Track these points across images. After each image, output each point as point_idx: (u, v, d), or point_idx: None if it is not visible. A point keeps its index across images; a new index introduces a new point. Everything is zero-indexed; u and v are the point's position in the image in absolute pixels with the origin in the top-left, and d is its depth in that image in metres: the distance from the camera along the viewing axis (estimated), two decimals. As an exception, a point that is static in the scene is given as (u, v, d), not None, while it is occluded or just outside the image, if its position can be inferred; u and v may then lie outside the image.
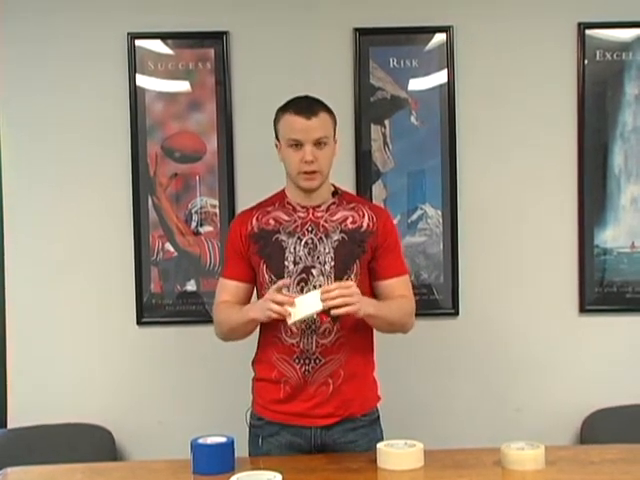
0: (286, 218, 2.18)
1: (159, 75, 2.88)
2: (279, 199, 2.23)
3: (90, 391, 2.89)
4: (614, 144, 2.91)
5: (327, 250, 2.13)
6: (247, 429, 2.22)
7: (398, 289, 2.20)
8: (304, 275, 2.12)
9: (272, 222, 2.18)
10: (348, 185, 2.87)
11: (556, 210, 2.92)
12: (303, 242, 2.14)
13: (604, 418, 2.83)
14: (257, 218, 2.20)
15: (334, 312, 1.98)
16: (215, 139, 2.89)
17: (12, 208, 2.90)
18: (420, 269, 2.91)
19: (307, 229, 2.15)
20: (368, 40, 2.87)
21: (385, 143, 2.90)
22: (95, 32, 2.88)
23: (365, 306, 2.02)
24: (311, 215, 2.17)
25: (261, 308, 2.04)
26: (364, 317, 2.04)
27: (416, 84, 2.89)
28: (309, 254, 2.14)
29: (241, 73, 2.89)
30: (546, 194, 2.92)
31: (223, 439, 2.00)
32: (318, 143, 2.10)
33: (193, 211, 2.90)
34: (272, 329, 2.14)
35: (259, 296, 2.20)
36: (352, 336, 2.13)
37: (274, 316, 1.99)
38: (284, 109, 2.15)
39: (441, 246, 2.91)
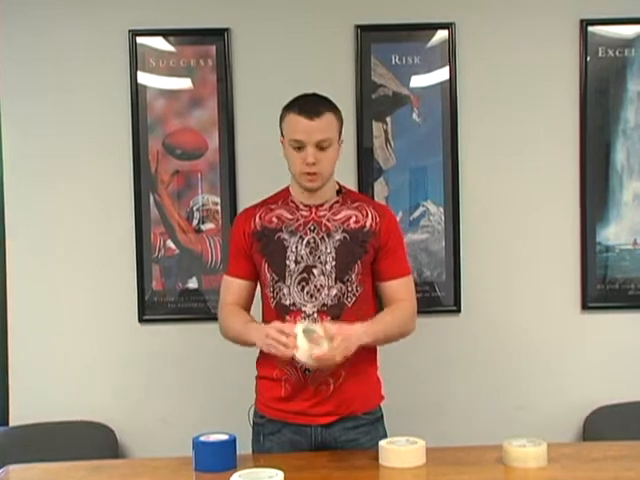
0: (289, 216, 2.17)
1: (160, 72, 2.88)
2: (283, 197, 2.21)
3: (92, 389, 2.90)
4: (616, 141, 2.90)
5: (329, 250, 2.12)
6: (250, 427, 2.22)
7: (399, 291, 2.18)
8: (305, 274, 2.12)
9: (275, 220, 2.17)
10: (350, 182, 2.86)
11: (558, 207, 2.92)
12: (305, 241, 2.13)
13: (607, 415, 2.83)
14: (260, 216, 2.19)
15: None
16: (216, 136, 2.89)
17: (13, 205, 2.90)
18: (422, 266, 2.90)
19: (309, 228, 2.14)
20: (370, 37, 2.87)
21: (387, 140, 2.90)
22: (96, 29, 2.87)
23: (356, 341, 2.00)
24: (314, 214, 2.16)
25: (262, 340, 2.02)
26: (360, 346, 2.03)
27: (418, 81, 2.89)
28: (310, 253, 2.12)
29: (242, 70, 2.89)
30: (548, 191, 2.91)
31: (225, 436, 1.99)
32: (320, 145, 2.07)
33: (195, 208, 2.89)
34: None
35: (262, 294, 2.20)
36: None
37: (271, 351, 1.99)
38: (289, 107, 2.12)
39: (443, 243, 2.90)
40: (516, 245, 2.91)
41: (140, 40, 2.87)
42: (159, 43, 2.88)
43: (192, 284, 2.90)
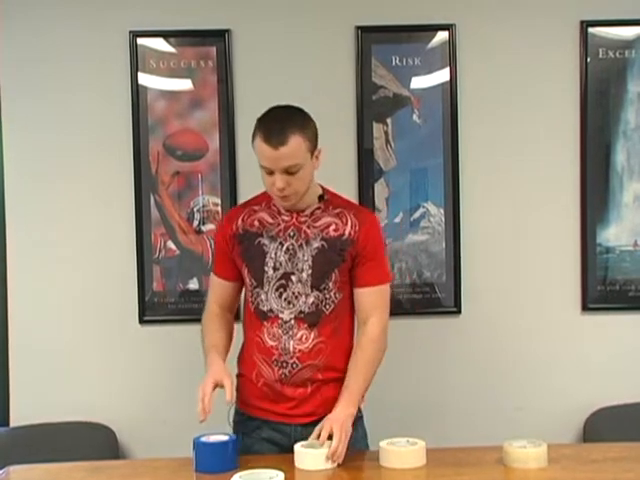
0: (270, 221, 2.16)
1: (161, 73, 2.88)
2: (266, 199, 2.19)
3: (93, 389, 2.90)
4: (617, 142, 2.91)
5: (306, 257, 2.11)
6: (229, 425, 2.21)
7: (371, 300, 2.13)
8: (283, 281, 2.11)
9: (256, 224, 2.16)
10: (350, 183, 2.89)
11: (559, 208, 2.92)
12: (284, 248, 2.12)
13: (607, 416, 2.83)
14: (243, 218, 2.18)
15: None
16: (217, 137, 2.89)
17: (14, 207, 2.90)
18: (422, 267, 2.91)
19: (289, 234, 2.13)
20: (370, 38, 2.87)
21: (387, 141, 2.90)
22: (97, 30, 2.87)
23: (349, 420, 2.01)
24: (294, 220, 2.14)
25: (206, 379, 2.05)
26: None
27: (418, 82, 2.89)
28: (289, 260, 2.11)
29: (243, 71, 2.89)
30: (549, 192, 2.91)
31: (225, 437, 1.99)
32: (289, 171, 2.00)
33: (195, 209, 2.90)
34: (255, 328, 2.15)
35: (245, 296, 2.21)
36: (330, 342, 2.12)
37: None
38: (257, 128, 2.04)
39: (443, 244, 2.90)
40: (516, 246, 2.92)
41: (141, 41, 2.87)
42: (160, 44, 2.88)
43: (193, 285, 2.91)
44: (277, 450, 2.14)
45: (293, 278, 2.11)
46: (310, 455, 1.95)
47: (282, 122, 2.01)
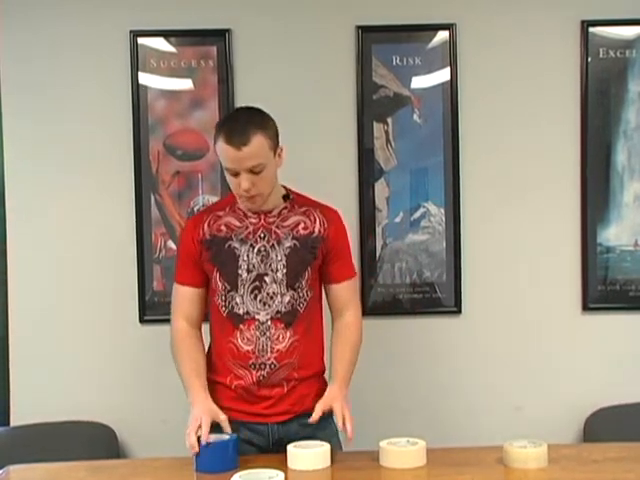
0: (237, 224, 2.16)
1: (161, 73, 2.88)
2: (230, 204, 2.20)
3: (93, 389, 2.90)
4: (617, 142, 2.90)
5: (279, 257, 2.13)
6: None
7: (345, 294, 2.23)
8: (257, 283, 2.12)
9: (224, 228, 2.16)
10: (350, 183, 2.89)
11: (559, 208, 2.92)
12: (256, 249, 2.13)
13: (607, 416, 2.82)
14: (209, 224, 2.17)
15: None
16: (217, 137, 2.88)
17: (14, 206, 2.90)
18: (423, 267, 2.91)
19: (259, 236, 2.14)
20: (371, 38, 2.87)
21: (388, 141, 2.90)
22: (97, 30, 2.87)
23: (345, 393, 2.11)
24: (263, 221, 2.15)
25: (190, 419, 2.01)
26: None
27: (419, 82, 2.89)
28: (262, 261, 2.13)
29: (243, 71, 2.89)
30: (549, 192, 2.91)
31: (226, 437, 2.00)
32: (253, 171, 2.02)
33: (195, 209, 2.90)
34: (227, 334, 2.14)
35: (210, 302, 2.20)
36: (304, 339, 2.15)
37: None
38: (218, 131, 2.05)
39: (444, 244, 2.90)
40: (517, 246, 2.91)
41: (141, 41, 2.87)
42: (160, 44, 2.88)
43: (193, 285, 2.90)
44: (255, 451, 2.15)
45: (267, 279, 2.12)
46: (303, 455, 1.95)
47: (243, 123, 2.03)
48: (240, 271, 2.13)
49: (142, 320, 2.90)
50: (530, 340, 2.91)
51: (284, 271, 2.12)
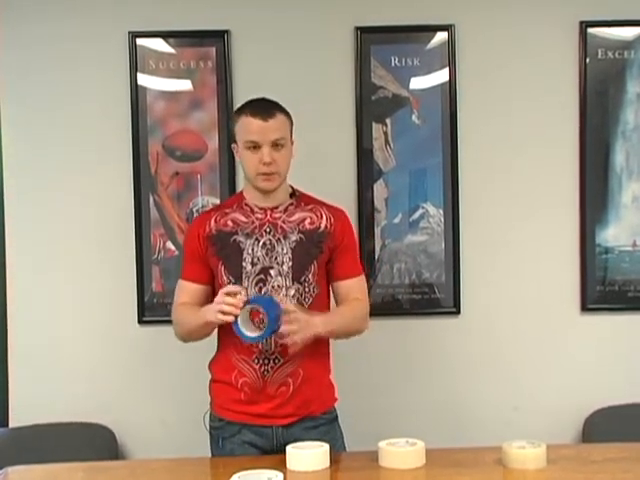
0: (244, 219, 2.18)
1: (160, 74, 2.88)
2: (237, 201, 2.23)
3: (92, 390, 2.90)
4: (616, 142, 2.91)
5: (285, 251, 2.14)
6: (207, 432, 2.22)
7: (353, 291, 2.23)
8: (262, 276, 2.13)
9: (230, 224, 2.18)
10: (349, 183, 2.89)
11: (558, 208, 2.92)
12: (261, 243, 2.15)
13: (606, 417, 2.83)
14: (215, 220, 2.20)
15: (282, 340, 2.02)
16: (216, 138, 2.89)
17: (13, 206, 2.90)
18: (421, 268, 2.91)
19: (265, 230, 2.16)
20: (369, 38, 2.87)
21: (386, 142, 2.90)
22: (96, 31, 2.88)
23: (310, 328, 2.03)
24: (269, 216, 2.17)
25: (213, 310, 2.02)
26: (315, 337, 2.05)
27: (417, 83, 2.89)
28: (267, 255, 2.14)
29: (242, 72, 2.89)
30: (547, 192, 2.91)
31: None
32: (275, 145, 2.10)
33: (194, 210, 2.90)
34: (231, 330, 2.13)
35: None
36: None
37: (224, 318, 1.97)
38: (240, 111, 2.16)
39: (442, 245, 2.90)
40: (516, 247, 2.92)
41: (140, 42, 2.87)
42: (159, 45, 2.88)
43: (192, 285, 2.90)
44: (259, 453, 2.14)
45: (272, 272, 2.13)
46: (302, 456, 1.94)
47: (267, 102, 2.17)
48: (244, 264, 2.13)
49: (141, 321, 2.90)
50: (529, 340, 2.91)
51: (290, 264, 2.13)
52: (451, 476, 1.91)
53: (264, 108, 2.12)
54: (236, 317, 1.97)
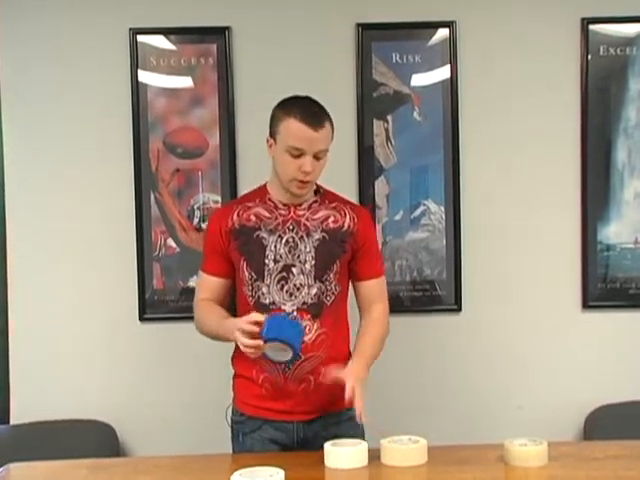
0: (267, 215, 2.16)
1: (161, 71, 2.88)
2: (260, 195, 2.20)
3: (93, 387, 2.90)
4: (617, 139, 2.90)
5: (308, 249, 2.13)
6: (228, 426, 2.21)
7: (374, 292, 2.22)
8: (284, 273, 2.12)
9: (253, 218, 2.16)
10: (350, 181, 2.88)
11: (559, 205, 2.92)
12: (284, 240, 2.13)
13: (607, 414, 2.83)
14: (238, 214, 2.17)
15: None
16: (217, 135, 2.88)
17: (14, 204, 2.90)
18: (423, 265, 2.90)
19: (288, 227, 2.14)
20: (371, 35, 2.86)
21: (387, 139, 2.90)
22: (97, 28, 2.87)
23: (362, 375, 2.06)
24: (292, 213, 2.16)
25: (232, 332, 1.98)
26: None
27: (419, 79, 2.89)
28: (289, 252, 2.12)
29: (243, 68, 2.88)
30: (549, 189, 2.91)
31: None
32: (318, 155, 2.07)
33: (195, 207, 2.89)
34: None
35: (238, 292, 2.19)
36: (331, 333, 2.14)
37: (247, 352, 1.95)
38: (289, 111, 2.06)
39: (444, 242, 2.90)
40: (517, 244, 2.91)
41: (141, 38, 2.86)
42: (160, 41, 2.88)
43: (193, 282, 2.89)
44: (279, 449, 2.14)
45: (294, 270, 2.11)
46: (343, 453, 1.94)
47: (316, 107, 2.10)
48: (267, 261, 2.12)
49: (142, 318, 2.90)
50: (530, 338, 2.91)
51: (312, 262, 2.12)
52: (453, 473, 1.91)
53: (315, 116, 2.05)
54: None
